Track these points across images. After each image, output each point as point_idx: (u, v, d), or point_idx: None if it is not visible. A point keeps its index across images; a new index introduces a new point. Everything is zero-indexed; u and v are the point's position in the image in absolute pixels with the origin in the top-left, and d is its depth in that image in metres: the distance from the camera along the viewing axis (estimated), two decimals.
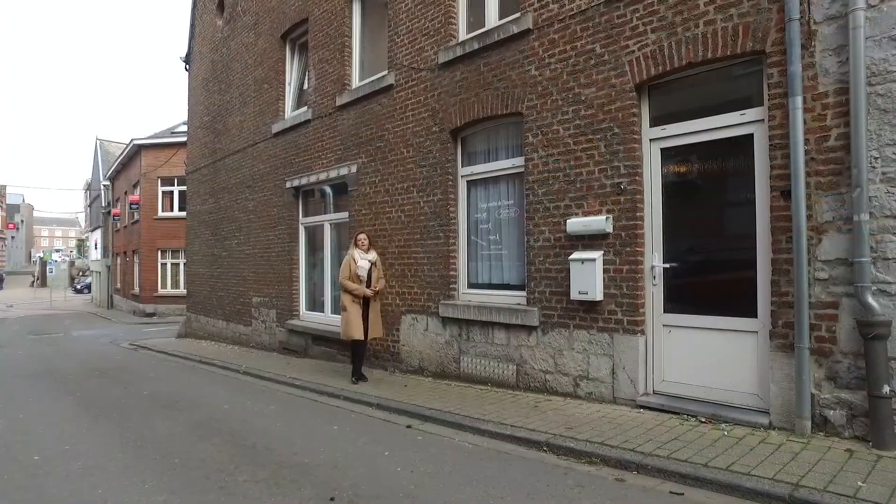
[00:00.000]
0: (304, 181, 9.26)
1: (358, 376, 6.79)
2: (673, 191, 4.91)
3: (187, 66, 13.86)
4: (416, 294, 7.04)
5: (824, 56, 3.87)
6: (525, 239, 5.81)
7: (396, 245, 7.38)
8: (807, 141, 3.93)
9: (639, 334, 4.89)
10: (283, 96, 10.15)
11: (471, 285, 6.63)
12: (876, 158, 3.67)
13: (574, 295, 5.21)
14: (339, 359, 8.42)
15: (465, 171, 6.66)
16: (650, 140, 4.95)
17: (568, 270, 5.29)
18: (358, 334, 6.59)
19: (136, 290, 23.00)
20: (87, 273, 39.17)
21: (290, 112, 10.00)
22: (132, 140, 21.87)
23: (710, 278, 4.76)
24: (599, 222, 5.05)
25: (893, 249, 3.61)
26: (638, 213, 4.91)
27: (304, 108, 9.38)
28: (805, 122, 3.93)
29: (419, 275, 7.02)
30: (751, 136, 4.37)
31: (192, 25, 13.58)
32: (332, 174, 8.58)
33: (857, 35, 3.65)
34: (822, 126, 3.88)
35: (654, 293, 4.94)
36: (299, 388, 7.02)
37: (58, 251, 73.66)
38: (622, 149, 4.98)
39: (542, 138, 5.60)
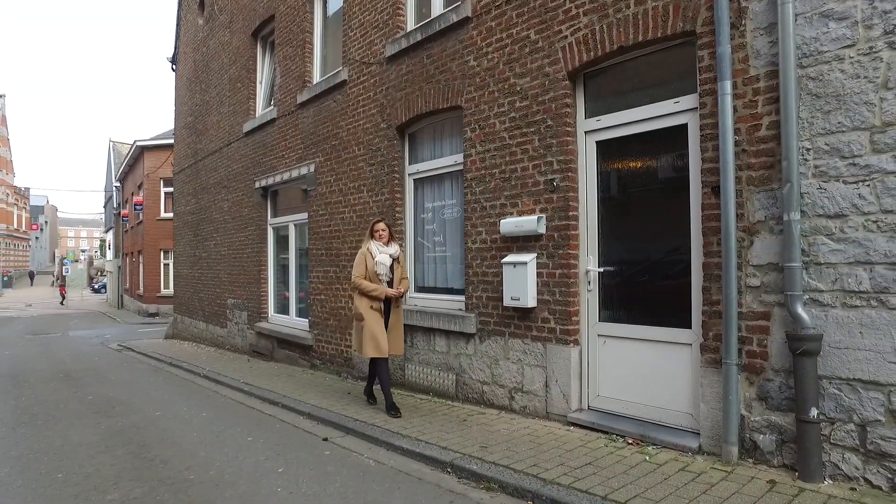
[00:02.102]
0: (270, 181, 9.04)
1: (393, 408, 5.08)
2: (610, 188, 4.50)
3: (174, 67, 13.82)
4: None
5: (755, 36, 3.44)
6: (464, 240, 5.46)
7: (349, 247, 7.09)
8: (737, 130, 3.50)
9: (571, 344, 4.49)
10: (255, 95, 9.97)
11: (418, 289, 6.30)
12: (808, 150, 3.22)
13: (507, 301, 4.84)
14: (300, 363, 8.17)
15: (412, 170, 6.33)
16: (585, 132, 4.55)
17: (503, 274, 4.92)
18: (379, 351, 5.08)
19: (141, 290, 23.21)
20: (105, 273, 39.92)
21: (261, 111, 9.81)
22: (135, 141, 22.09)
23: (647, 284, 4.34)
24: (531, 222, 4.66)
25: (826, 253, 3.16)
26: (571, 213, 4.52)
27: (271, 107, 9.18)
28: (735, 110, 3.51)
29: None
30: (685, 126, 3.95)
31: (178, 26, 13.54)
32: (294, 174, 8.34)
33: (786, 11, 3.21)
34: (754, 114, 3.45)
35: (588, 300, 4.54)
36: (246, 393, 6.77)
37: (83, 251, 75.64)
38: (555, 142, 4.59)
39: (480, 133, 5.24)
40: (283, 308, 9.23)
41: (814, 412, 3.09)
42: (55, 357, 11.53)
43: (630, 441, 3.96)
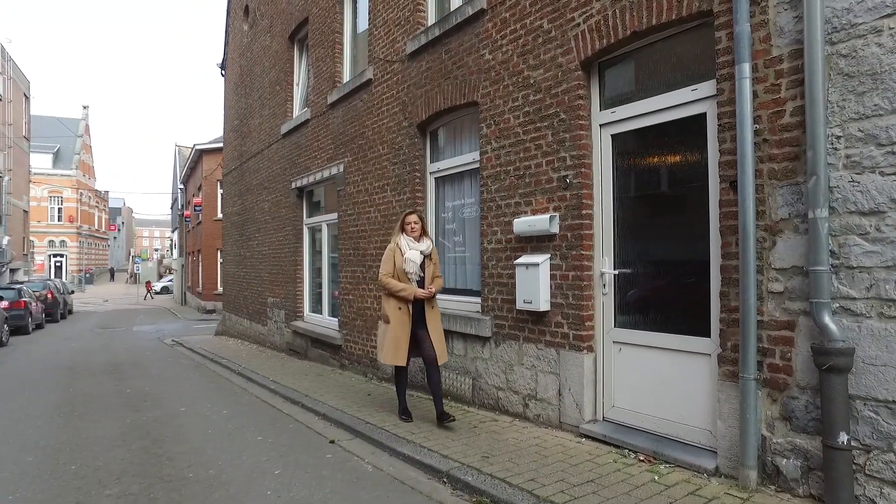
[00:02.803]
0: (304, 181, 9.16)
1: (405, 412, 4.92)
2: (626, 184, 4.20)
3: (223, 73, 14.34)
4: None
5: (779, 11, 3.07)
6: (480, 241, 5.27)
7: (375, 247, 7.04)
8: (758, 118, 3.15)
9: (585, 351, 4.22)
10: (292, 97, 10.15)
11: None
12: (838, 137, 2.84)
13: (519, 304, 4.62)
14: (331, 362, 8.22)
15: (433, 168, 6.20)
16: (600, 126, 4.26)
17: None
18: (396, 359, 4.70)
19: (200, 287, 24.31)
20: (172, 271, 42.18)
21: (297, 112, 9.97)
22: (194, 145, 23.17)
23: (665, 288, 4.00)
24: (543, 222, 4.42)
25: (860, 255, 2.77)
26: (585, 211, 4.24)
27: (306, 108, 9.30)
28: (756, 95, 3.15)
29: None
30: (704, 115, 3.60)
31: (227, 33, 14.03)
32: (326, 174, 8.40)
33: None
34: (776, 99, 3.08)
35: (603, 304, 4.25)
36: (272, 391, 6.86)
37: (156, 250, 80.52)
38: (569, 137, 4.33)
39: (495, 129, 5.04)
40: (317, 307, 9.34)
41: (843, 437, 2.71)
42: (112, 350, 12.21)
43: (642, 458, 3.66)
